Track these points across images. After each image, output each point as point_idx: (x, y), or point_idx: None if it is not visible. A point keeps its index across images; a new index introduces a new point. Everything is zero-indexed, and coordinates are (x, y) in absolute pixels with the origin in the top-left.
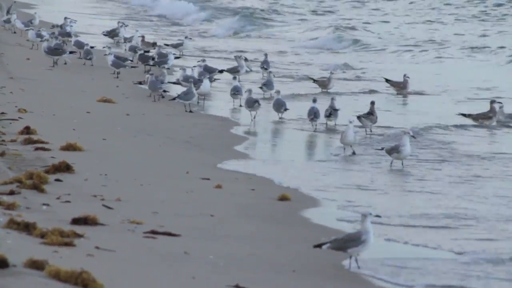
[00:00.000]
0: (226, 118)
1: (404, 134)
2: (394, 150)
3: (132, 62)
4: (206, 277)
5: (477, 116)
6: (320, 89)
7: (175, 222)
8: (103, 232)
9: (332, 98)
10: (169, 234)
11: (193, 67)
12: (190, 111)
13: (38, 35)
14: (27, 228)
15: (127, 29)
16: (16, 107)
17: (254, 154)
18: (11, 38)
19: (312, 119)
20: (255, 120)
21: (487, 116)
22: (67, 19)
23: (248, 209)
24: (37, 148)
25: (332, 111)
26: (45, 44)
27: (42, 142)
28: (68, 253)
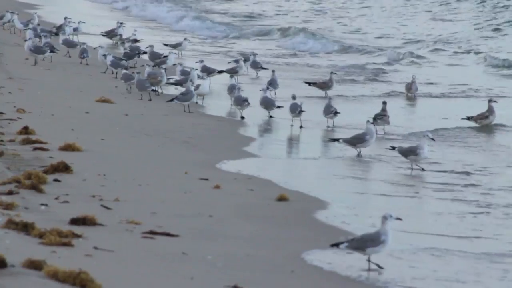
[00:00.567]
0: (225, 118)
1: (423, 136)
2: (412, 152)
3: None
4: (205, 277)
5: (476, 117)
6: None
7: (174, 222)
8: (101, 232)
9: (329, 97)
10: (167, 235)
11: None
12: (189, 111)
13: (36, 35)
14: (26, 228)
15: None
16: (14, 107)
17: (253, 154)
18: (10, 38)
19: (294, 114)
20: (244, 118)
21: (484, 116)
22: (67, 19)
23: (247, 209)
24: (35, 148)
25: (335, 111)
26: (29, 43)
27: (41, 142)
28: (66, 253)
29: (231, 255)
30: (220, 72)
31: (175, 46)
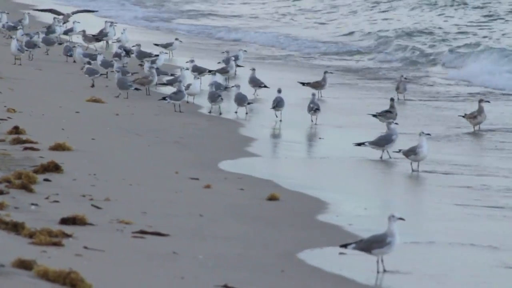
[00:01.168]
0: (217, 117)
1: (420, 135)
2: (411, 152)
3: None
4: (195, 277)
5: (467, 116)
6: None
7: (164, 222)
8: (91, 232)
9: (313, 94)
10: (158, 234)
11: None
12: (180, 111)
13: (30, 37)
14: (16, 228)
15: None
16: (5, 106)
17: (244, 154)
18: (0, 38)
19: (275, 107)
20: (220, 114)
21: (473, 116)
22: (55, 19)
23: (237, 209)
24: (26, 148)
25: (317, 107)
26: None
27: (31, 142)
28: (56, 253)
29: (222, 255)
30: (211, 72)
31: (166, 46)
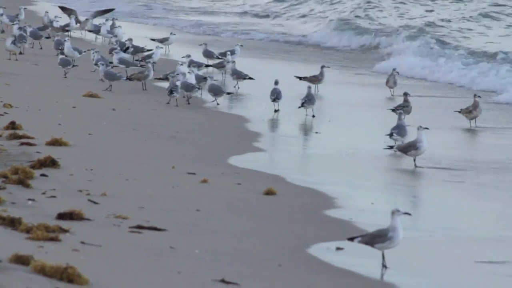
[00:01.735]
0: (213, 112)
1: (418, 129)
2: (411, 147)
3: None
4: (192, 271)
5: (463, 111)
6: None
7: (161, 217)
8: (88, 227)
9: (309, 87)
10: (155, 229)
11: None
12: (177, 105)
13: (23, 30)
14: (13, 223)
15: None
16: (1, 102)
17: (240, 149)
18: None
19: (274, 100)
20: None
21: (468, 110)
22: (47, 13)
23: (234, 203)
24: (22, 143)
25: (306, 100)
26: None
27: (28, 137)
28: (53, 248)
29: (219, 249)
30: (207, 66)
31: (162, 41)
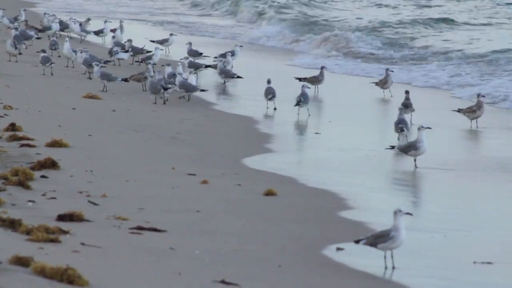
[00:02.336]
0: (213, 113)
1: (419, 129)
2: (411, 147)
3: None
4: (192, 272)
5: (464, 110)
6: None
7: (161, 218)
8: (88, 228)
9: (303, 85)
10: (155, 230)
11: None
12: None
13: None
14: (13, 224)
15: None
16: (1, 103)
17: (240, 150)
18: None
19: (270, 99)
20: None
21: (472, 110)
22: (46, 14)
23: (235, 204)
24: (22, 145)
25: (301, 99)
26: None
27: (28, 139)
28: (53, 249)
29: (219, 250)
30: (207, 67)
31: (162, 42)
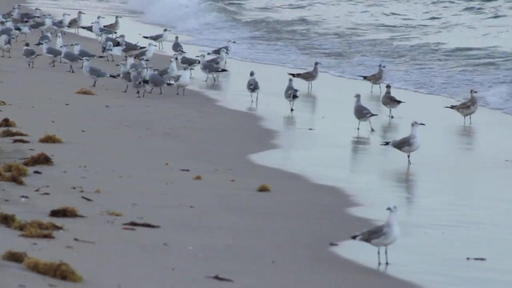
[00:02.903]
0: (206, 109)
1: (413, 125)
2: (405, 143)
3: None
4: (186, 268)
5: (458, 106)
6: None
7: (155, 213)
8: (82, 224)
9: (290, 79)
10: (148, 226)
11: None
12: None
13: (16, 28)
14: (6, 220)
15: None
16: None
17: (234, 146)
18: None
19: (252, 90)
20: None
21: (466, 106)
22: (37, 10)
23: (228, 200)
24: (15, 140)
25: (295, 93)
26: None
27: (21, 134)
28: (47, 245)
29: (212, 246)
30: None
31: (155, 38)
